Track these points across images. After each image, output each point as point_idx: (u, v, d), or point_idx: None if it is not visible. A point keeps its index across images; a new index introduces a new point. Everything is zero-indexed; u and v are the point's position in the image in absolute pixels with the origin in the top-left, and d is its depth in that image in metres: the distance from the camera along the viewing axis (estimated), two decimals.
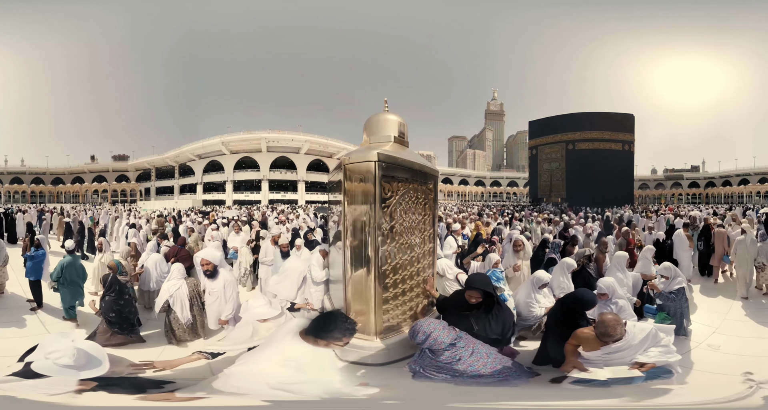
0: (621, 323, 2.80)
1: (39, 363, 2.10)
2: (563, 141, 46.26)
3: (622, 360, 2.79)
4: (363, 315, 3.71)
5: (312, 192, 56.26)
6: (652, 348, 2.82)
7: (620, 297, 4.13)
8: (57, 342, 2.17)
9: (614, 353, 2.79)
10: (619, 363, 2.78)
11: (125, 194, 63.52)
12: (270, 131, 55.07)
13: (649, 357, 2.77)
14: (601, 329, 2.77)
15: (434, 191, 4.55)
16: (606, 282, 4.16)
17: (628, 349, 2.78)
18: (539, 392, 2.51)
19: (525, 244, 6.06)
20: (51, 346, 2.14)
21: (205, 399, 2.39)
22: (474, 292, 3.44)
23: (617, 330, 2.74)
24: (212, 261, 4.47)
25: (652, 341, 2.82)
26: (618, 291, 4.16)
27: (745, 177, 63.46)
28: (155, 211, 24.88)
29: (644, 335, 2.81)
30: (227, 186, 56.06)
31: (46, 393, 1.91)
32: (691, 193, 69.51)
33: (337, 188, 4.05)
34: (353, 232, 3.72)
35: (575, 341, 3.02)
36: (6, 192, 59.76)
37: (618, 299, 4.09)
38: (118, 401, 2.49)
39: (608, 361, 2.81)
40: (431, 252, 4.53)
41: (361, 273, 3.72)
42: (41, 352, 2.17)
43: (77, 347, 2.15)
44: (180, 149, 58.07)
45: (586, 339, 2.94)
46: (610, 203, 32.35)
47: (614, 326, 2.74)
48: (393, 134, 4.27)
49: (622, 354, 2.78)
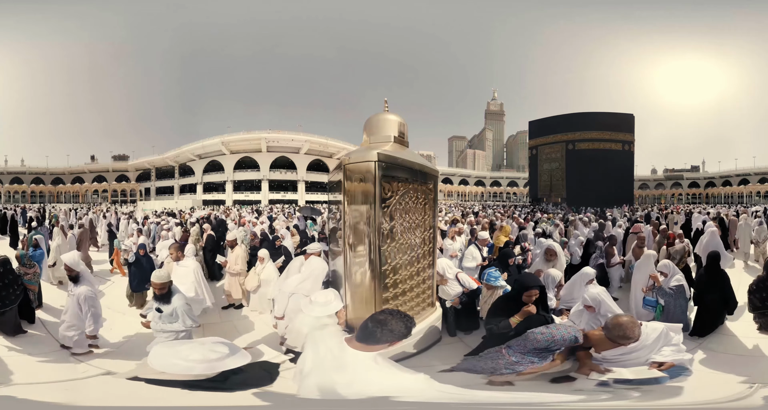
0: (637, 324, 2.77)
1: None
2: (563, 141, 46.28)
3: (638, 360, 2.76)
4: (363, 315, 3.71)
5: (312, 192, 56.26)
6: (665, 347, 2.80)
7: (609, 310, 3.78)
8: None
9: (630, 353, 2.76)
10: (634, 363, 2.76)
11: (125, 194, 63.53)
12: (270, 131, 55.08)
13: (664, 356, 2.75)
14: (618, 332, 2.71)
15: (434, 191, 4.55)
16: (591, 294, 3.88)
17: (643, 349, 2.75)
18: (542, 393, 2.51)
19: (559, 253, 5.59)
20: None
21: (206, 398, 2.39)
22: (533, 290, 3.49)
23: (635, 332, 2.71)
24: (74, 268, 4.24)
25: (664, 340, 2.81)
26: (606, 302, 3.87)
27: (745, 177, 63.45)
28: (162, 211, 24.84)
29: (657, 334, 2.79)
30: (227, 186, 56.07)
31: (45, 393, 1.91)
32: (691, 193, 69.49)
33: (337, 188, 4.05)
34: (353, 232, 3.72)
35: (587, 343, 2.96)
36: (6, 192, 59.76)
37: (607, 313, 3.74)
38: (118, 401, 2.49)
39: (624, 362, 2.78)
40: (431, 252, 4.54)
41: (361, 273, 3.72)
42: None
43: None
44: (180, 149, 58.07)
45: (598, 340, 2.88)
46: (610, 203, 32.34)
47: (632, 328, 2.70)
48: (393, 134, 4.27)
49: (638, 354, 2.76)
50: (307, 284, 4.52)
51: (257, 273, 6.09)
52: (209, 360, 2.55)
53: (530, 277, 3.88)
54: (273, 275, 5.97)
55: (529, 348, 2.98)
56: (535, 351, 2.96)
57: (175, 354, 2.61)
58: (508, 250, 6.19)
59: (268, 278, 5.97)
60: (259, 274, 6.06)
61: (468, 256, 6.34)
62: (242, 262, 6.48)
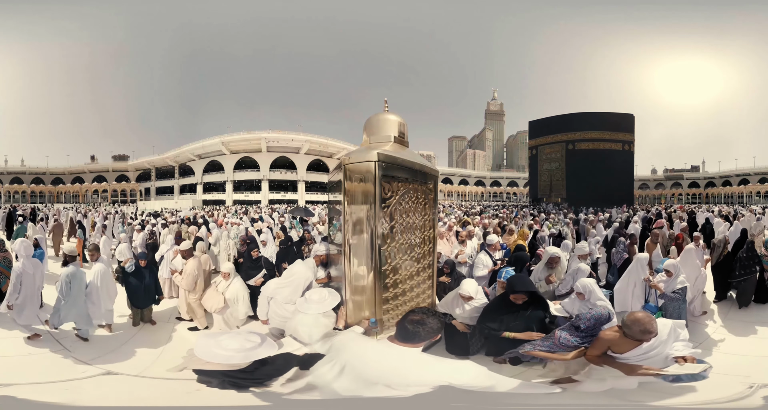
0: (652, 317, 2.74)
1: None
2: (563, 141, 46.20)
3: (659, 357, 2.74)
4: (363, 315, 3.71)
5: (312, 192, 56.25)
6: (676, 342, 2.80)
7: (599, 298, 4.00)
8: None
9: (650, 351, 2.73)
10: (656, 361, 2.73)
11: (125, 194, 63.52)
12: (270, 131, 55.06)
13: (679, 352, 2.74)
14: (638, 327, 2.66)
15: (434, 191, 4.55)
16: (583, 283, 4.07)
17: (660, 346, 2.74)
18: (542, 393, 2.51)
19: (562, 260, 5.47)
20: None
21: (206, 398, 2.39)
22: (519, 295, 3.78)
23: (653, 325, 2.67)
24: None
25: (674, 336, 2.81)
26: (596, 292, 4.04)
27: (745, 177, 63.42)
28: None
29: (668, 330, 2.78)
30: (227, 186, 56.06)
31: (45, 393, 1.91)
32: (691, 193, 69.45)
33: (337, 188, 4.05)
34: (353, 232, 3.72)
35: (603, 346, 2.90)
36: (6, 192, 59.74)
37: (597, 301, 3.96)
38: (118, 401, 2.49)
39: (647, 361, 2.74)
40: (431, 252, 4.54)
41: (361, 273, 3.72)
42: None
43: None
44: (180, 149, 58.05)
45: (616, 341, 2.83)
46: (610, 203, 32.31)
47: (650, 321, 2.66)
48: (393, 134, 4.27)
49: (657, 351, 2.73)
50: (285, 292, 4.43)
51: (220, 291, 5.26)
52: (245, 349, 2.61)
53: (521, 280, 3.98)
54: (241, 293, 5.26)
55: (582, 327, 3.19)
56: (586, 331, 3.15)
57: (217, 344, 2.66)
58: (523, 254, 6.01)
59: (235, 296, 5.21)
60: (223, 292, 5.24)
61: (479, 264, 5.83)
62: (190, 279, 5.29)
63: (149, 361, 4.37)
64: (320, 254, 5.17)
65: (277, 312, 4.43)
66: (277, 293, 4.50)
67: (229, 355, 2.55)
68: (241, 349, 2.59)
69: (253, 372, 2.52)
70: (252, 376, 2.50)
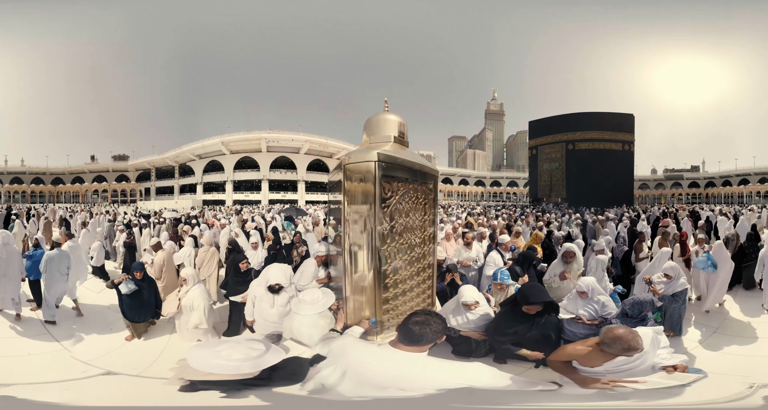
0: (634, 331, 2.62)
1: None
2: (563, 141, 46.23)
3: (644, 367, 2.66)
4: (363, 316, 3.71)
5: (312, 192, 56.27)
6: (659, 350, 2.75)
7: (601, 294, 4.14)
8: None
9: (634, 361, 2.63)
10: (641, 371, 2.65)
11: (125, 194, 63.54)
12: (270, 131, 55.11)
13: (665, 360, 2.69)
14: (620, 345, 2.53)
15: (434, 191, 4.55)
16: (585, 281, 4.16)
17: (645, 355, 2.65)
18: (542, 394, 2.50)
19: (578, 255, 5.52)
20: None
21: (206, 398, 2.39)
22: (533, 306, 3.71)
23: (638, 341, 2.54)
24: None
25: (656, 344, 2.76)
26: (598, 289, 4.16)
27: (745, 177, 63.45)
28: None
29: (649, 339, 2.71)
30: (227, 186, 56.09)
31: (45, 393, 1.91)
32: (691, 193, 69.49)
33: (337, 188, 4.05)
34: (353, 232, 3.72)
35: (564, 357, 2.80)
36: (6, 192, 59.75)
37: (599, 297, 4.09)
38: (118, 401, 2.49)
39: (630, 371, 2.63)
40: (431, 252, 4.54)
41: (361, 273, 3.72)
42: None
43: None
44: (180, 149, 58.09)
45: (586, 355, 2.70)
46: (610, 203, 32.32)
47: (633, 337, 2.54)
48: (393, 134, 4.27)
49: (642, 360, 2.66)
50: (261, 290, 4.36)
51: (178, 297, 4.95)
52: (252, 357, 2.54)
53: (535, 290, 3.88)
54: (198, 301, 4.76)
55: (629, 314, 3.70)
56: (633, 316, 3.67)
57: (216, 354, 2.57)
58: (531, 253, 5.95)
59: (191, 304, 4.78)
60: (180, 299, 4.89)
61: (490, 263, 5.67)
62: (157, 268, 6.04)
63: (149, 361, 4.38)
64: (320, 255, 5.18)
65: (262, 316, 4.38)
66: (257, 292, 4.47)
67: (236, 365, 2.47)
68: (248, 358, 2.53)
69: (269, 378, 2.46)
70: (269, 383, 2.43)
